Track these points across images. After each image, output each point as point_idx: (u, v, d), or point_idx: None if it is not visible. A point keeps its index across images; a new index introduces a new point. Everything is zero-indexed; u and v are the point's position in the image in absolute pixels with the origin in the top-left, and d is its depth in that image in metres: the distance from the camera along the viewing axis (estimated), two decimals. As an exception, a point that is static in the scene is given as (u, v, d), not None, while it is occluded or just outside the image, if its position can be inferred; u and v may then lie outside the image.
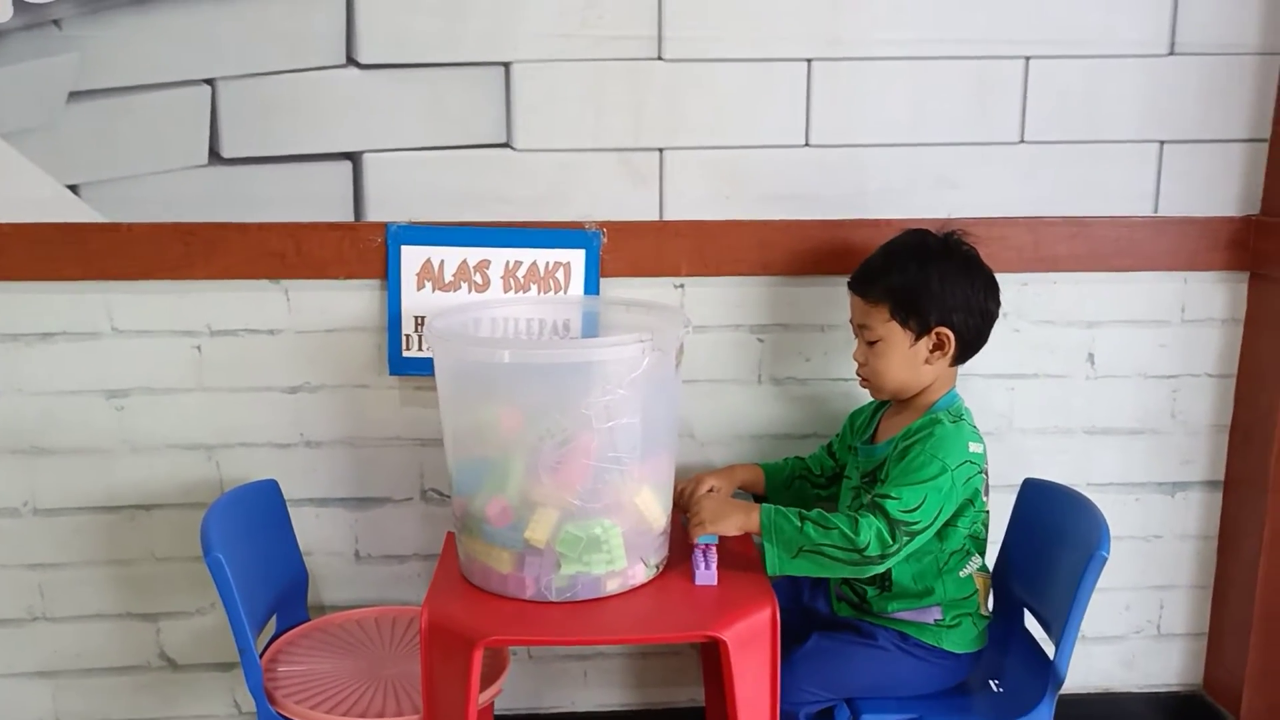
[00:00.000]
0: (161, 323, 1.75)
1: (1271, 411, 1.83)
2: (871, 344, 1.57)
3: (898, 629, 1.57)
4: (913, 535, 1.47)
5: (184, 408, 1.78)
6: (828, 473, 1.75)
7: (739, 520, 1.51)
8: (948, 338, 1.54)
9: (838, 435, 1.76)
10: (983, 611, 1.59)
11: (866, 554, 1.45)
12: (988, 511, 1.59)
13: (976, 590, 1.58)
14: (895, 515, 1.46)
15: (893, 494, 1.47)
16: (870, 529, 1.45)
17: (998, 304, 1.59)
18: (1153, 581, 1.99)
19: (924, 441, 1.51)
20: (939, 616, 1.56)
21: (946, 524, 1.52)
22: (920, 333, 1.54)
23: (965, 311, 1.55)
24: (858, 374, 1.63)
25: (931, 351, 1.55)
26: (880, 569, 1.49)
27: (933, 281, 1.53)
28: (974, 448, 1.53)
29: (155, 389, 1.77)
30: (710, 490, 1.67)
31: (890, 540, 1.45)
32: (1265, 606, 1.88)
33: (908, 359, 1.55)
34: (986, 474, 1.57)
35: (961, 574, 1.56)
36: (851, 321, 1.63)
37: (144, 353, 1.76)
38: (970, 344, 1.58)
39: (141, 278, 1.72)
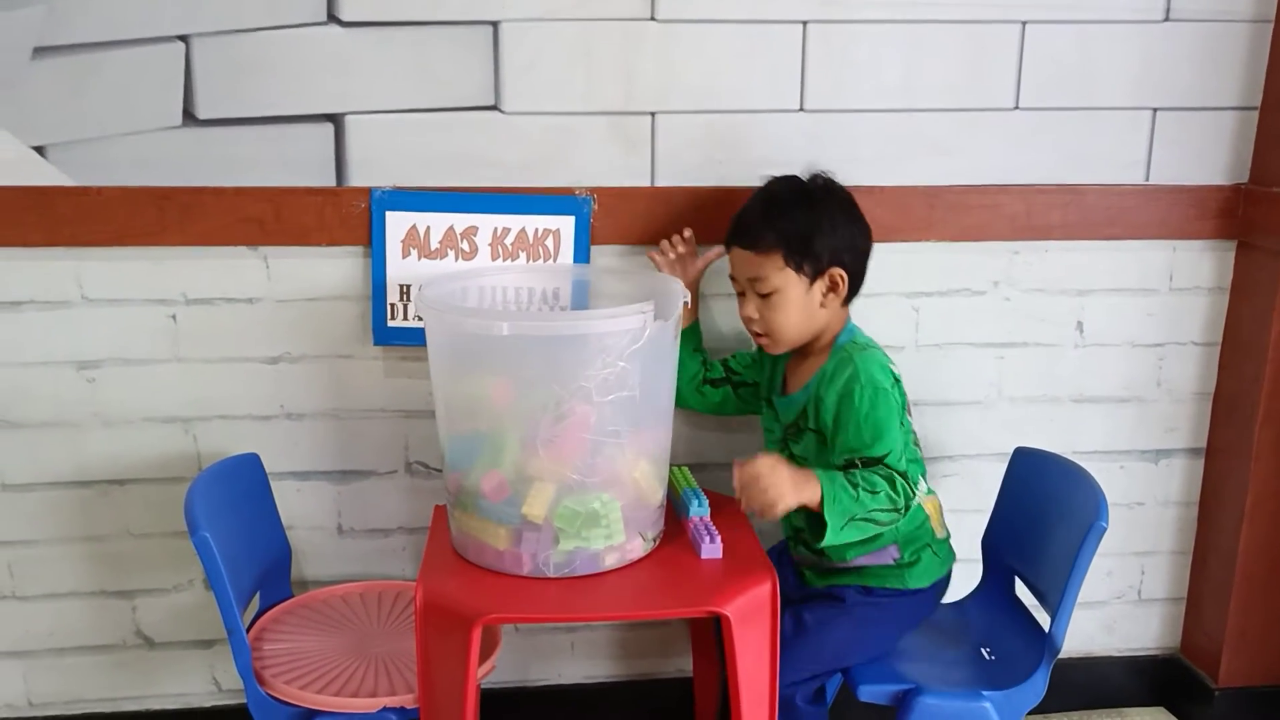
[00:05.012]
0: (134, 291, 1.68)
1: (1255, 380, 1.84)
2: (765, 296, 1.53)
3: (861, 584, 1.56)
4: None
5: (159, 379, 1.72)
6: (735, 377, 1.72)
7: (804, 491, 1.41)
8: (841, 278, 1.53)
9: (747, 366, 1.71)
10: (939, 535, 1.60)
11: (903, 513, 1.46)
12: (914, 431, 1.58)
13: (928, 516, 1.58)
14: (901, 468, 1.45)
15: (883, 450, 1.45)
16: (900, 483, 1.44)
17: (872, 244, 1.58)
18: (1135, 548, 2.01)
19: (855, 381, 1.48)
20: (897, 555, 1.56)
21: None
22: (814, 276, 1.52)
23: (852, 251, 1.54)
24: (751, 331, 1.59)
25: (825, 294, 1.53)
26: None
27: (823, 222, 1.52)
28: (892, 368, 1.53)
29: (128, 359, 1.71)
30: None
31: (912, 490, 1.46)
32: (1245, 572, 1.91)
33: (804, 305, 1.53)
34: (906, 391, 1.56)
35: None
36: (735, 279, 1.58)
37: (116, 322, 1.69)
38: (856, 284, 1.57)
39: (113, 244, 1.65)
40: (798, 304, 1.53)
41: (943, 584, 1.62)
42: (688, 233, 1.70)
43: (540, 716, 1.94)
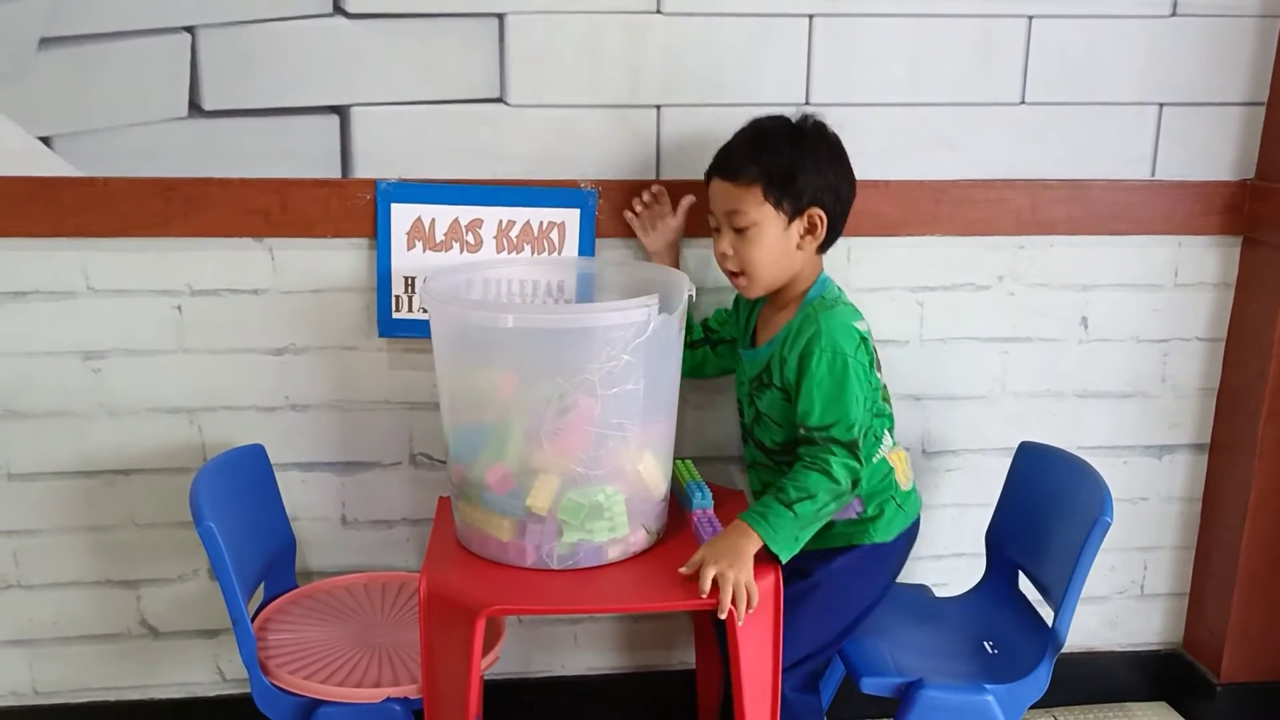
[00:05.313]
0: (140, 282, 1.68)
1: (1260, 375, 1.84)
2: (740, 231, 1.51)
3: (828, 545, 1.55)
4: (863, 439, 1.47)
5: (164, 370, 1.72)
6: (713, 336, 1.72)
7: (749, 550, 1.41)
8: (820, 219, 1.51)
9: (723, 322, 1.71)
10: (903, 487, 1.59)
11: (849, 490, 1.46)
12: (884, 385, 1.58)
13: (892, 469, 1.58)
14: (848, 438, 1.45)
15: (830, 419, 1.45)
16: (839, 467, 1.44)
17: (854, 193, 1.56)
18: (1138, 543, 2.01)
19: (815, 342, 1.47)
20: (860, 509, 1.56)
21: None
22: (793, 215, 1.50)
23: (834, 194, 1.52)
24: (726, 269, 1.56)
25: (802, 236, 1.52)
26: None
27: (808, 161, 1.50)
28: (859, 325, 1.51)
29: (134, 350, 1.71)
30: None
31: (858, 463, 1.46)
32: (1248, 567, 1.91)
33: (780, 243, 1.51)
34: (875, 347, 1.55)
35: (875, 459, 1.54)
36: (713, 213, 1.56)
37: (122, 313, 1.69)
38: (834, 231, 1.54)
39: (119, 235, 1.65)
40: (774, 240, 1.51)
41: (910, 534, 1.61)
42: (656, 188, 1.69)
43: (543, 708, 1.95)
